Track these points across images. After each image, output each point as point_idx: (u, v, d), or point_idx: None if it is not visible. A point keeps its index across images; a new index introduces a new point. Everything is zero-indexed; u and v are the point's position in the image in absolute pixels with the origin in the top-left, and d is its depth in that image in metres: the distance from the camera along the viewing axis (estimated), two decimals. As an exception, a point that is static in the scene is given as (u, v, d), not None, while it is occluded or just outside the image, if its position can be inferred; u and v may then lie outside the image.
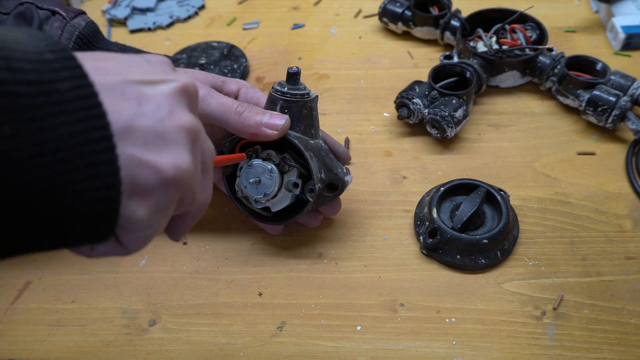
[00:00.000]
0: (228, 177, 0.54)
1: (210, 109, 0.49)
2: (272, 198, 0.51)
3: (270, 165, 0.50)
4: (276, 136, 0.48)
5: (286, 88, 0.50)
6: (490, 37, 0.68)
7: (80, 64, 0.25)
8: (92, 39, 0.51)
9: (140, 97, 0.27)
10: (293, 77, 0.50)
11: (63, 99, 0.24)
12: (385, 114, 0.68)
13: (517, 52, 0.68)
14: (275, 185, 0.50)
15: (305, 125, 0.51)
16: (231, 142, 0.52)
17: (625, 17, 0.74)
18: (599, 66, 0.66)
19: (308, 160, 0.49)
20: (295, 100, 0.49)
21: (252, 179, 0.50)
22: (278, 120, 0.48)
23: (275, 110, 0.50)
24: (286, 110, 0.50)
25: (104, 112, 0.25)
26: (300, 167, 0.50)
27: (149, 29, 0.83)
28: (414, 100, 0.63)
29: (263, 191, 0.50)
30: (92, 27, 0.52)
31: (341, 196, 0.59)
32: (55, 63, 0.24)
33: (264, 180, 0.50)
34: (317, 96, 0.52)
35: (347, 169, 0.54)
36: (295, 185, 0.50)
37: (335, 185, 0.52)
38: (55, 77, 0.24)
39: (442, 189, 0.56)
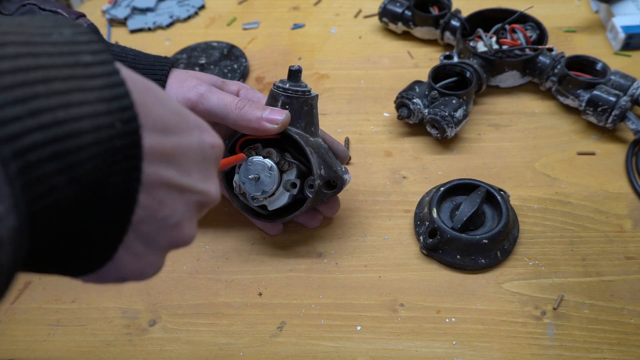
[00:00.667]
0: (226, 174, 0.54)
1: (210, 104, 0.49)
2: (270, 196, 0.51)
3: (270, 163, 0.50)
4: (276, 130, 0.48)
5: (288, 85, 0.50)
6: (490, 37, 0.68)
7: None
8: None
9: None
10: (295, 74, 0.50)
11: None
12: (385, 114, 0.68)
13: (517, 52, 0.68)
14: (274, 183, 0.50)
15: (306, 123, 0.51)
16: (230, 142, 0.52)
17: (625, 17, 0.74)
18: (599, 66, 0.66)
19: (308, 155, 0.49)
20: (296, 96, 0.50)
21: (251, 176, 0.50)
22: (278, 115, 0.48)
23: (277, 106, 0.50)
24: (287, 107, 0.50)
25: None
26: (299, 164, 0.51)
27: (149, 29, 0.83)
28: (414, 100, 0.63)
29: (262, 188, 0.50)
30: (94, 29, 0.51)
31: (341, 196, 0.59)
32: None
33: (263, 178, 0.50)
34: (317, 95, 0.52)
35: (345, 168, 0.54)
36: (294, 185, 0.50)
37: (335, 183, 0.52)
38: None
39: (442, 189, 0.56)
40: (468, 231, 0.53)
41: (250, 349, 0.49)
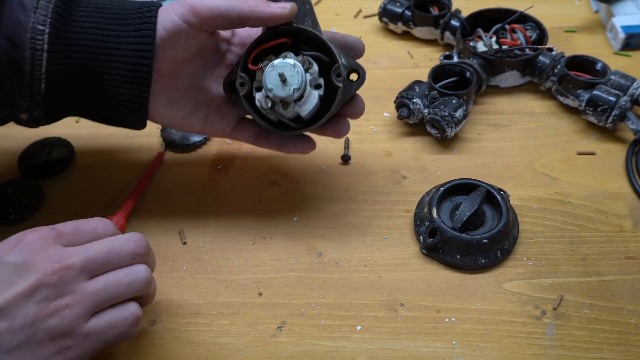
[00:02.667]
0: (247, 97, 0.51)
1: (213, 1, 0.48)
2: (300, 99, 0.49)
3: (291, 61, 0.48)
4: (287, 14, 0.48)
5: None
6: (490, 37, 0.68)
7: None
8: None
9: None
10: None
11: None
12: (385, 114, 0.68)
13: (517, 52, 0.68)
14: (302, 78, 0.48)
15: (312, 20, 0.50)
16: (240, 63, 0.50)
17: (625, 17, 0.74)
18: (599, 66, 0.66)
19: (328, 44, 0.48)
20: None
21: (280, 72, 0.48)
22: (284, 3, 0.48)
23: None
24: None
25: None
26: (321, 55, 0.49)
27: (149, 29, 0.83)
28: (414, 100, 0.63)
29: (291, 86, 0.48)
30: None
31: (341, 196, 0.59)
32: None
33: (289, 76, 0.48)
34: None
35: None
36: (318, 85, 0.49)
37: (357, 71, 0.51)
38: None
39: (442, 189, 0.56)
40: (468, 231, 0.53)
41: (250, 349, 0.49)
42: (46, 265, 0.39)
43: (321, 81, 0.49)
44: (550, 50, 0.69)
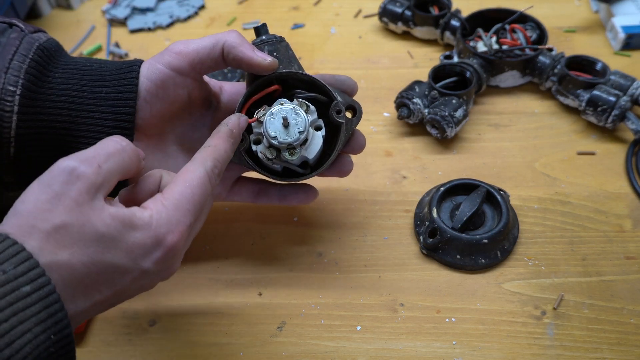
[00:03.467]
0: (248, 151, 0.49)
1: (197, 43, 0.47)
2: (304, 143, 0.47)
3: (291, 105, 0.47)
4: (267, 65, 0.46)
5: (264, 37, 0.49)
6: (490, 37, 0.68)
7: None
8: (55, 52, 0.47)
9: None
10: (263, 28, 0.49)
11: None
12: (385, 114, 0.68)
13: (517, 52, 0.68)
14: (305, 121, 0.47)
15: (297, 65, 0.50)
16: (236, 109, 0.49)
17: (625, 17, 0.74)
18: (598, 66, 0.66)
19: (323, 84, 0.48)
20: (278, 41, 0.49)
21: (282, 119, 0.46)
22: (266, 55, 0.47)
23: None
24: (276, 54, 0.48)
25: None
26: (317, 95, 0.48)
27: (149, 29, 0.83)
28: (414, 100, 0.63)
29: (296, 130, 0.46)
30: (54, 42, 0.48)
31: (341, 196, 0.59)
32: None
33: (292, 121, 0.46)
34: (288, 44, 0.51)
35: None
36: (318, 127, 0.48)
37: (354, 108, 0.50)
38: None
39: (442, 189, 0.56)
40: (468, 231, 0.53)
41: (250, 349, 0.49)
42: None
43: (321, 122, 0.48)
44: (550, 50, 0.69)
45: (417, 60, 0.75)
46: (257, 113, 0.47)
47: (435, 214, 0.54)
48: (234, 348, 0.49)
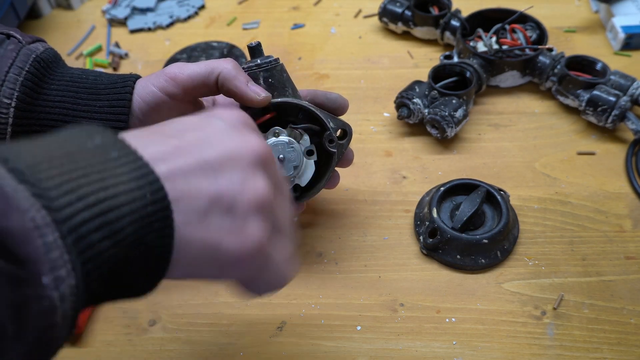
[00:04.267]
0: None
1: (192, 68, 0.47)
2: (300, 171, 0.50)
3: (286, 139, 0.48)
4: (258, 102, 0.47)
5: (258, 60, 0.49)
6: (490, 37, 0.68)
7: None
8: (51, 64, 0.48)
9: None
10: (257, 49, 0.50)
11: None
12: (385, 114, 0.68)
13: (517, 52, 0.68)
14: (300, 155, 0.49)
15: (291, 89, 0.51)
16: None
17: (625, 17, 0.74)
18: (598, 66, 0.66)
19: (316, 113, 0.49)
20: (273, 66, 0.49)
21: (279, 157, 0.48)
22: (260, 90, 0.47)
23: (259, 85, 0.49)
24: (270, 80, 0.49)
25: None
26: (310, 126, 0.50)
27: (149, 29, 0.83)
28: (414, 100, 0.63)
29: (292, 165, 0.49)
30: (52, 53, 0.49)
31: (341, 196, 0.59)
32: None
33: (287, 155, 0.49)
34: (283, 64, 0.51)
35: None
36: (311, 152, 0.50)
37: (344, 130, 0.52)
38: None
39: (442, 189, 0.56)
40: (468, 231, 0.53)
41: (250, 349, 0.49)
42: (264, 148, 0.33)
43: (313, 147, 0.50)
44: (550, 50, 0.69)
45: (417, 60, 0.75)
46: None
47: (435, 214, 0.54)
48: (234, 348, 0.49)
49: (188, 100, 0.48)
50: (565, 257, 0.54)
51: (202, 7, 0.87)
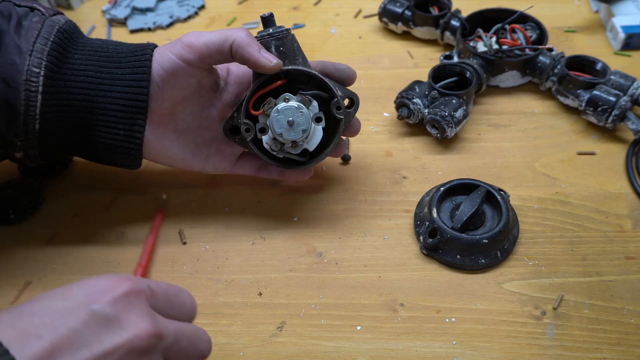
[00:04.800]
0: (254, 141, 0.53)
1: (207, 37, 0.50)
2: (306, 137, 0.52)
3: (295, 104, 0.51)
4: (270, 68, 0.49)
5: (271, 30, 0.51)
6: (490, 37, 0.68)
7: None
8: (73, 34, 0.51)
9: None
10: (269, 19, 0.52)
11: None
12: (385, 114, 0.68)
13: (517, 52, 0.68)
14: (308, 120, 0.51)
15: (302, 58, 0.52)
16: (240, 110, 0.52)
17: (625, 17, 0.74)
18: (599, 66, 0.66)
19: (325, 81, 0.51)
20: (285, 35, 0.51)
21: (290, 119, 0.50)
22: (272, 57, 0.50)
23: (271, 53, 0.51)
24: (281, 48, 0.51)
25: None
26: (319, 92, 0.52)
27: (149, 29, 0.83)
28: (414, 100, 0.63)
29: (300, 129, 0.51)
30: (72, 24, 0.52)
31: (341, 196, 0.59)
32: None
33: (296, 119, 0.51)
34: (294, 34, 0.53)
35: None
36: (319, 119, 0.52)
37: (352, 99, 0.54)
38: None
39: (442, 189, 0.56)
40: (468, 231, 0.53)
41: (250, 349, 0.49)
42: (141, 327, 0.32)
43: (321, 114, 0.52)
44: (550, 50, 0.69)
45: (417, 60, 0.75)
46: (264, 106, 0.51)
47: (435, 214, 0.54)
48: (234, 348, 0.49)
49: (204, 67, 0.51)
50: (565, 257, 0.54)
51: (202, 7, 0.87)
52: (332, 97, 0.52)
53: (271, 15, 0.52)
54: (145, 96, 0.50)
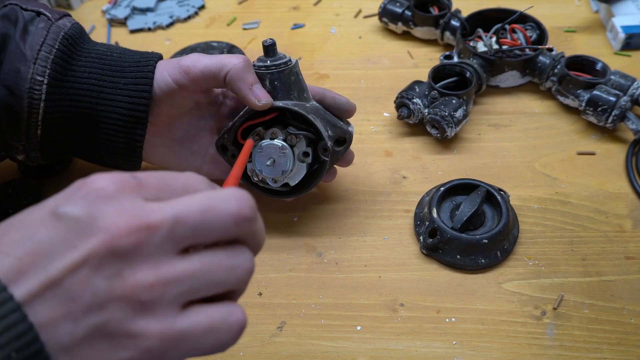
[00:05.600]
0: None
1: (205, 62, 0.49)
2: (289, 173, 0.52)
3: (279, 143, 0.51)
4: (258, 107, 0.49)
5: (268, 61, 0.51)
6: (490, 37, 0.68)
7: None
8: (78, 40, 0.51)
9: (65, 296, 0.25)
10: (270, 49, 0.51)
11: None
12: (385, 114, 0.68)
13: (517, 52, 0.68)
14: (290, 161, 0.51)
15: (298, 91, 0.52)
16: (230, 132, 0.52)
17: (625, 17, 0.74)
18: (599, 66, 0.66)
19: (313, 122, 0.50)
20: (281, 70, 0.51)
21: (268, 162, 0.51)
22: (263, 96, 0.49)
23: (265, 86, 0.51)
24: (276, 82, 0.51)
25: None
26: (306, 133, 0.51)
27: (149, 29, 0.83)
28: (414, 100, 0.63)
29: (280, 169, 0.51)
30: (78, 28, 0.52)
31: (341, 196, 0.59)
32: None
33: (278, 160, 0.51)
34: (297, 61, 0.52)
35: (347, 121, 0.55)
36: (306, 154, 0.51)
37: (343, 139, 0.53)
38: None
39: (442, 189, 0.56)
40: (468, 231, 0.53)
41: (250, 349, 0.49)
42: (118, 222, 0.26)
43: (309, 150, 0.51)
44: (550, 50, 0.69)
45: (417, 60, 0.75)
46: (252, 135, 0.52)
47: (435, 214, 0.54)
48: (234, 348, 0.49)
49: (199, 90, 0.52)
50: (565, 257, 0.54)
51: (202, 7, 0.87)
52: (319, 137, 0.51)
53: (273, 44, 0.51)
54: (146, 107, 0.50)
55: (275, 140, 0.51)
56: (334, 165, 0.56)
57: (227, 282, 0.29)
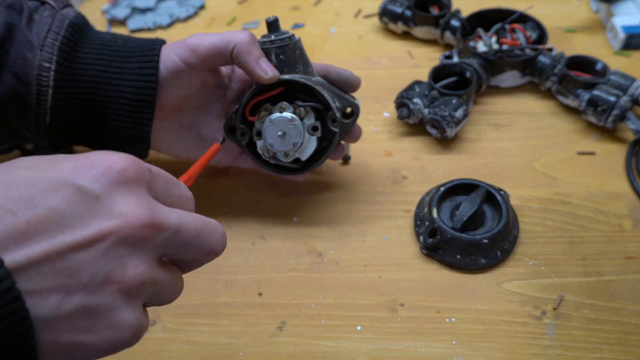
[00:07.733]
0: (248, 145, 0.54)
1: (212, 39, 0.50)
2: (300, 146, 0.52)
3: (289, 115, 0.51)
4: (264, 80, 0.49)
5: (273, 37, 0.51)
6: (490, 37, 0.68)
7: None
8: (83, 28, 0.51)
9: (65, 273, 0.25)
10: (274, 25, 0.51)
11: None
12: (385, 114, 0.68)
13: (517, 52, 0.68)
14: (301, 132, 0.51)
15: (303, 65, 0.52)
16: (238, 112, 0.52)
17: (625, 17, 0.74)
18: (598, 66, 0.66)
19: (321, 92, 0.51)
20: (286, 44, 0.51)
21: (279, 133, 0.51)
22: (270, 68, 0.49)
23: (271, 60, 0.51)
24: (281, 56, 0.51)
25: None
26: (315, 104, 0.51)
27: (149, 29, 0.83)
28: (414, 100, 0.63)
29: (291, 141, 0.51)
30: (82, 17, 0.52)
31: (341, 196, 0.59)
32: None
33: (288, 131, 0.51)
34: (300, 38, 0.53)
35: (352, 95, 0.56)
36: (315, 128, 0.51)
37: (351, 111, 0.54)
38: None
39: (442, 189, 0.56)
40: (468, 231, 0.53)
41: (250, 349, 0.49)
42: (137, 214, 0.26)
43: (318, 124, 0.52)
44: (550, 50, 0.69)
45: (417, 60, 0.75)
46: (260, 112, 0.52)
47: (435, 214, 0.54)
48: (234, 348, 0.49)
49: (207, 69, 0.52)
50: (565, 257, 0.54)
51: (202, 7, 0.87)
52: (327, 109, 0.52)
53: (276, 20, 0.52)
54: (153, 91, 0.50)
55: (285, 113, 0.51)
56: (342, 142, 0.56)
57: (168, 299, 0.31)
